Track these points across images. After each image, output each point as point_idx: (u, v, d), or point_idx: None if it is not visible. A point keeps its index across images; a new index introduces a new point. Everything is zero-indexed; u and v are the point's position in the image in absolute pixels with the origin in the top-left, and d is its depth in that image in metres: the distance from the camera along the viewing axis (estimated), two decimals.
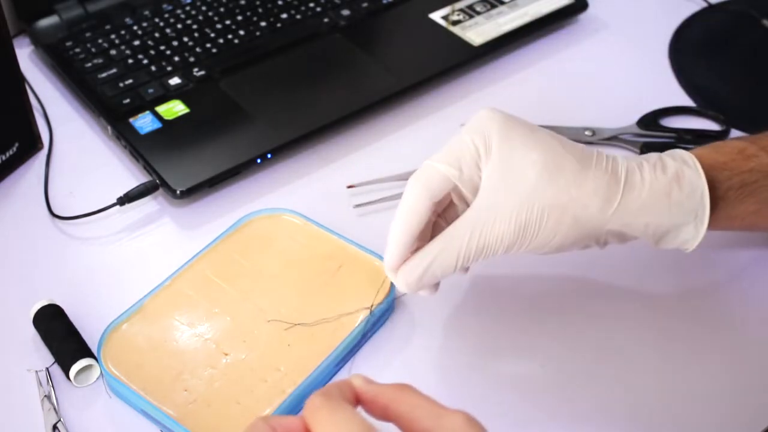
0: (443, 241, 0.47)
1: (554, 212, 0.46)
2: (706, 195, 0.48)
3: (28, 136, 0.67)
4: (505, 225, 0.46)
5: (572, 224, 0.47)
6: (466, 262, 0.47)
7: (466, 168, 0.47)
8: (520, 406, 0.51)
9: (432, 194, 0.48)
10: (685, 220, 0.48)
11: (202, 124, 0.67)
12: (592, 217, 0.47)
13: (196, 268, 0.56)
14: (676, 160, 0.49)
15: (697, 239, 0.49)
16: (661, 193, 0.47)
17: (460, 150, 0.48)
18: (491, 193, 0.47)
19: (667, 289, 0.58)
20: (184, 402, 0.48)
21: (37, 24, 0.77)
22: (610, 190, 0.47)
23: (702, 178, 0.48)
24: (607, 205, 0.47)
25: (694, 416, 0.50)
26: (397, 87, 0.71)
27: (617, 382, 0.52)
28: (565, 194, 0.46)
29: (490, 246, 0.47)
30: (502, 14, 0.79)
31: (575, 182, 0.46)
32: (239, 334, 0.52)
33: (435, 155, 0.48)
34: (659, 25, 0.82)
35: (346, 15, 0.79)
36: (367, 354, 0.53)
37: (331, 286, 0.55)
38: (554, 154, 0.47)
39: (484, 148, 0.47)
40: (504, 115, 0.48)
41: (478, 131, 0.47)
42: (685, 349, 0.54)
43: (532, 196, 0.46)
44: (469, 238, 0.46)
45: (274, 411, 0.48)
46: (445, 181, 0.48)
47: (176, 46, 0.75)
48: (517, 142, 0.47)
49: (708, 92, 0.75)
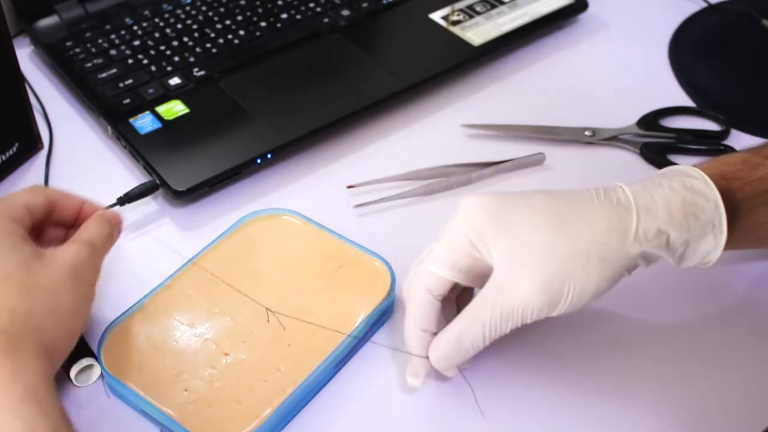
0: (467, 316, 0.47)
1: (578, 262, 0.45)
2: (721, 204, 0.47)
3: (28, 136, 0.67)
4: (528, 288, 0.45)
5: (601, 265, 0.46)
6: (495, 333, 0.46)
7: (465, 264, 0.48)
8: (519, 404, 0.51)
9: (435, 295, 0.48)
10: (703, 232, 0.47)
11: (202, 124, 0.67)
12: (616, 251, 0.46)
13: (196, 269, 0.56)
14: (679, 175, 0.48)
15: (718, 250, 0.48)
16: (676, 209, 0.47)
17: (456, 251, 0.48)
18: (507, 266, 0.46)
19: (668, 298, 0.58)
20: (184, 402, 0.48)
21: (37, 24, 0.77)
22: (623, 220, 0.46)
23: (713, 188, 0.48)
24: (626, 235, 0.46)
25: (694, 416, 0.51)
26: (397, 87, 0.71)
27: (617, 382, 0.52)
28: (581, 240, 0.46)
29: (516, 312, 0.46)
30: (502, 14, 0.79)
31: (586, 226, 0.46)
32: (239, 334, 0.52)
33: (432, 256, 0.48)
34: (659, 25, 0.82)
35: (346, 15, 0.79)
36: (367, 353, 0.53)
37: (331, 287, 0.55)
38: (554, 209, 0.47)
39: (480, 240, 0.47)
40: (488, 198, 0.48)
41: (470, 224, 0.47)
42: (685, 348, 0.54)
43: (549, 255, 0.45)
44: (492, 307, 0.46)
45: (275, 411, 0.48)
46: (446, 282, 0.48)
47: (176, 46, 0.75)
48: (514, 218, 0.47)
49: (708, 92, 0.75)
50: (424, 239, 0.57)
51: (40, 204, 0.49)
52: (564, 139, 0.69)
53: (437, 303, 0.49)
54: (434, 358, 0.48)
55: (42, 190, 0.51)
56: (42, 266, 0.45)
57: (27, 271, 0.44)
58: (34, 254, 0.45)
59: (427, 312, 0.49)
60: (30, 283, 0.44)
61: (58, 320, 0.45)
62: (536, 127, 0.69)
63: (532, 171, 0.67)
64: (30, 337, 0.42)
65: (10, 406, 0.38)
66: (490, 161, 0.66)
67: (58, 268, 0.46)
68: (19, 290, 0.43)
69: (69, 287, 0.46)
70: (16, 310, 0.42)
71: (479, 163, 0.66)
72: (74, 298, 0.46)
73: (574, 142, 0.69)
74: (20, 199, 0.49)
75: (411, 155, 0.67)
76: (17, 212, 0.48)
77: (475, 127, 0.70)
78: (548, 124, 0.70)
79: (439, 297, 0.49)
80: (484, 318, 0.46)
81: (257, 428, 0.47)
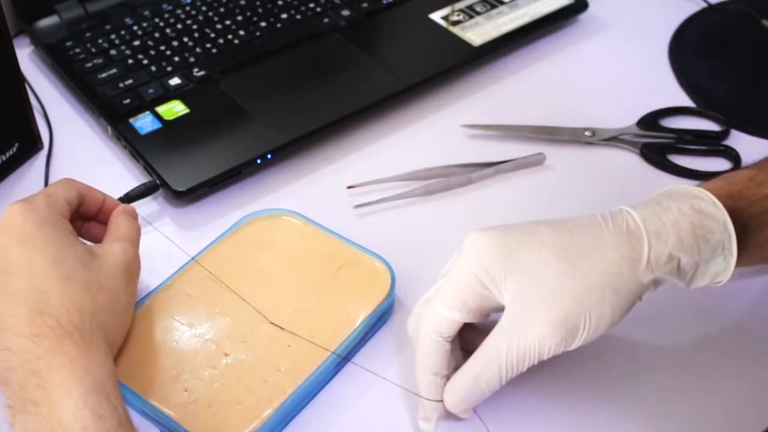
0: (483, 358, 0.46)
1: (592, 295, 0.45)
2: (730, 225, 0.47)
3: (28, 136, 0.67)
4: (544, 325, 0.44)
5: (614, 296, 0.45)
6: (512, 372, 0.45)
7: (475, 304, 0.47)
8: (519, 404, 0.51)
9: (445, 337, 0.47)
10: (712, 255, 0.47)
11: (202, 125, 0.67)
12: (628, 280, 0.45)
13: (196, 269, 0.56)
14: (687, 197, 0.48)
15: (728, 271, 0.48)
16: (686, 233, 0.46)
17: (465, 291, 0.46)
18: (519, 304, 0.45)
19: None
20: (185, 402, 0.48)
21: (37, 24, 0.77)
22: (634, 249, 0.46)
23: (722, 210, 0.47)
24: (638, 263, 0.45)
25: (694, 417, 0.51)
26: (397, 87, 0.71)
27: (614, 383, 0.52)
28: (595, 273, 0.45)
29: (533, 350, 0.45)
30: (502, 14, 0.79)
31: (598, 258, 0.45)
32: (239, 334, 0.52)
33: (440, 297, 0.47)
34: (659, 25, 0.82)
35: (346, 15, 0.79)
36: (367, 354, 0.53)
37: (330, 287, 0.55)
38: (563, 243, 0.46)
39: (489, 278, 0.46)
40: (494, 234, 0.47)
41: (477, 262, 0.46)
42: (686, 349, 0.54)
43: (563, 290, 0.45)
44: (508, 347, 0.45)
45: (275, 411, 0.48)
46: (456, 323, 0.47)
47: (176, 46, 0.75)
48: (523, 254, 0.46)
49: (708, 92, 0.75)
50: (424, 239, 0.58)
51: (75, 198, 0.51)
52: (564, 139, 0.69)
53: (447, 345, 0.48)
54: (451, 403, 0.47)
55: (73, 184, 0.52)
56: (98, 266, 0.48)
57: (88, 271, 0.47)
58: (88, 253, 0.48)
59: (438, 356, 0.47)
60: (92, 282, 0.46)
61: (118, 318, 0.48)
62: (536, 127, 0.69)
63: (532, 171, 0.67)
64: (99, 335, 0.45)
65: (83, 396, 0.41)
66: (490, 161, 0.66)
67: (114, 267, 0.48)
68: (83, 289, 0.45)
69: (124, 286, 0.49)
70: (84, 309, 0.45)
71: (479, 163, 0.66)
72: (128, 296, 0.50)
73: (574, 142, 0.69)
74: (61, 194, 0.50)
75: (411, 155, 0.67)
76: (63, 207, 0.49)
77: (475, 127, 0.70)
78: (548, 124, 0.70)
79: (449, 339, 0.48)
80: (500, 359, 0.45)
81: (257, 429, 0.47)
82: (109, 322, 0.46)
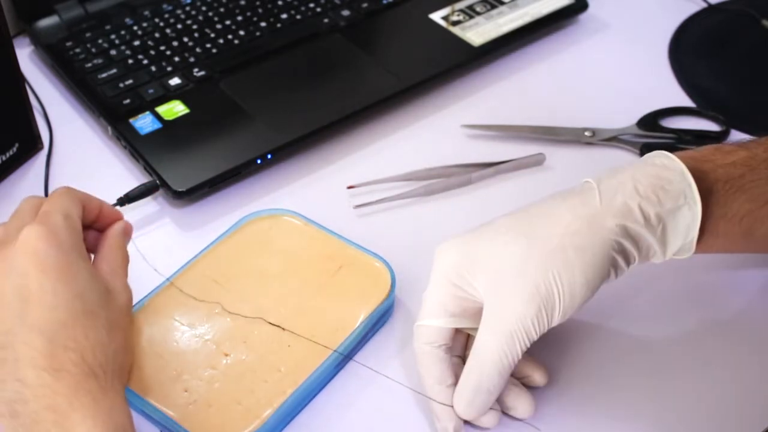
0: (477, 361, 0.46)
1: (556, 258, 0.45)
2: (687, 173, 0.47)
3: (28, 136, 0.67)
4: (517, 301, 0.45)
5: (580, 254, 0.45)
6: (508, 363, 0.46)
7: (456, 308, 0.48)
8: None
9: (438, 346, 0.48)
10: (675, 204, 0.47)
11: (202, 125, 0.67)
12: (590, 235, 0.46)
13: (196, 269, 0.56)
14: (644, 158, 0.49)
15: (696, 222, 0.47)
16: (642, 184, 0.47)
17: (444, 297, 0.48)
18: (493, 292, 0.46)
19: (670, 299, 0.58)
20: (185, 403, 0.48)
21: (37, 24, 0.77)
22: (587, 204, 0.47)
23: (676, 160, 0.48)
24: (594, 217, 0.46)
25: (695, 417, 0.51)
26: (397, 87, 0.71)
27: (614, 383, 0.52)
28: (552, 237, 0.46)
29: (516, 330, 0.45)
30: (502, 14, 0.79)
31: (553, 223, 0.46)
32: (239, 334, 0.52)
33: (422, 312, 0.49)
34: (659, 25, 0.82)
35: (346, 15, 0.79)
36: (367, 354, 0.53)
37: (331, 287, 0.55)
38: (518, 222, 0.47)
39: (462, 279, 0.47)
40: (457, 239, 0.49)
41: (448, 267, 0.48)
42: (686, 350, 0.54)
43: (526, 262, 0.45)
44: (493, 338, 0.45)
45: (275, 411, 0.48)
46: (444, 331, 0.48)
47: (176, 46, 0.75)
48: (484, 246, 0.47)
49: (708, 92, 0.75)
50: (424, 239, 0.58)
51: (81, 212, 0.48)
52: (564, 140, 0.69)
53: (443, 354, 0.48)
54: (461, 410, 0.47)
55: (76, 195, 0.48)
56: (114, 302, 0.46)
57: (107, 308, 0.45)
58: (104, 289, 0.45)
59: (436, 365, 0.48)
60: (111, 320, 0.44)
61: (129, 358, 0.47)
62: (536, 128, 0.69)
63: (532, 171, 0.67)
64: (118, 376, 0.43)
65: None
66: (490, 161, 0.66)
67: (125, 305, 0.47)
68: (105, 326, 0.44)
69: (130, 326, 0.48)
70: (107, 348, 0.43)
71: (479, 163, 0.66)
72: (131, 336, 0.49)
73: (574, 143, 0.69)
74: (75, 212, 0.47)
75: (411, 155, 0.67)
76: (78, 225, 0.47)
77: (475, 128, 0.70)
78: (548, 125, 0.70)
79: (443, 347, 0.48)
80: (491, 353, 0.45)
81: (257, 429, 0.47)
82: (123, 362, 0.45)
